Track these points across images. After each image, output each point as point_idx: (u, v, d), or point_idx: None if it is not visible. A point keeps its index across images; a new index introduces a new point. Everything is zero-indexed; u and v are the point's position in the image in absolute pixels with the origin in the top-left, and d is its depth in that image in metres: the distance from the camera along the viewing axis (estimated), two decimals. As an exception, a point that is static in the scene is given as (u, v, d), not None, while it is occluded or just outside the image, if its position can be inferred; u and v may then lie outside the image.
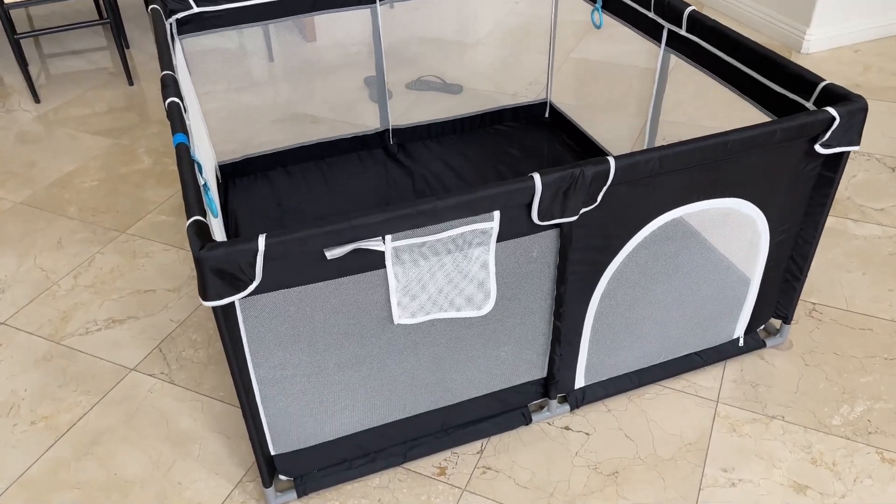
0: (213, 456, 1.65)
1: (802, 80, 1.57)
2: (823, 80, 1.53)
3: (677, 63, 3.07)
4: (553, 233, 1.40)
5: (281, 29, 3.69)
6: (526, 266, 1.43)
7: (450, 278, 1.37)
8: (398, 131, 2.61)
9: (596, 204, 1.37)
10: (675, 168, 1.39)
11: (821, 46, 3.23)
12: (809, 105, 1.56)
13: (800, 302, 1.98)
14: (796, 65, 1.59)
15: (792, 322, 1.92)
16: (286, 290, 1.27)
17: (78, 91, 3.20)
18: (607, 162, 1.32)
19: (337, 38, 3.56)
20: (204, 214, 1.24)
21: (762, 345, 1.84)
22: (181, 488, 1.59)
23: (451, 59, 3.32)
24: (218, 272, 1.16)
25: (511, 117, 2.73)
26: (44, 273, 2.18)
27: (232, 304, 1.24)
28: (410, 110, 2.90)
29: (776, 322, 1.90)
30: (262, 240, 1.16)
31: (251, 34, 3.63)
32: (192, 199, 1.26)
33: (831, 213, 2.30)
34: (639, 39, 2.08)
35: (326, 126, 2.84)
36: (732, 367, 1.81)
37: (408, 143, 2.63)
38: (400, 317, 1.38)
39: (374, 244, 1.25)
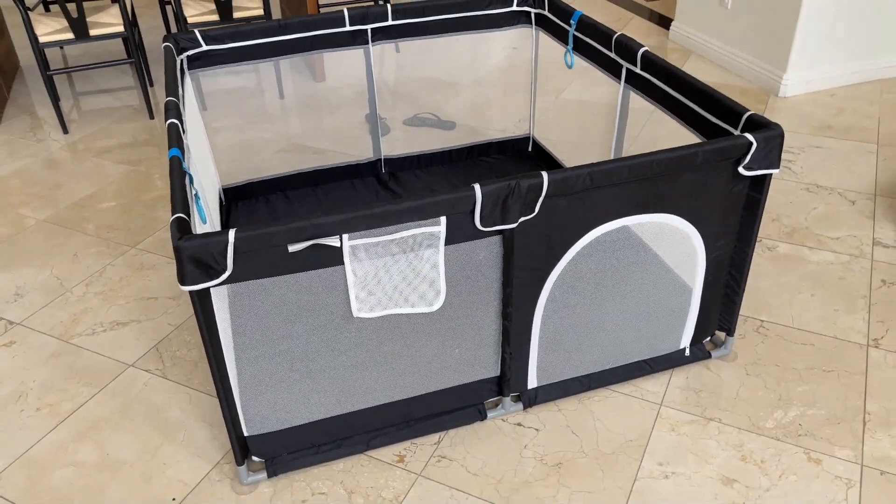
0: (196, 442, 1.82)
1: (732, 112, 1.75)
2: (748, 110, 1.71)
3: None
4: (497, 238, 1.58)
5: (293, 70, 3.96)
6: (474, 268, 1.60)
7: (404, 276, 1.55)
8: (390, 161, 2.82)
9: (535, 213, 1.55)
10: (608, 183, 1.57)
11: (797, 90, 3.41)
12: (737, 132, 1.73)
13: (749, 319, 2.12)
14: (728, 98, 1.77)
15: (738, 336, 2.06)
16: (256, 280, 1.46)
17: (103, 124, 3.48)
18: (541, 176, 1.50)
19: (344, 78, 3.82)
20: (188, 214, 1.44)
21: (708, 356, 1.98)
22: (165, 468, 1.76)
23: (447, 97, 3.56)
24: (194, 260, 1.36)
25: (497, 150, 2.94)
26: (59, 281, 2.40)
27: (207, 292, 1.43)
28: (404, 143, 3.12)
29: (722, 335, 2.04)
30: (231, 234, 1.36)
31: (264, 75, 3.91)
32: (178, 201, 1.46)
33: (789, 240, 2.45)
34: (609, 80, 2.28)
35: (325, 156, 3.06)
36: (679, 375, 1.95)
37: (399, 172, 2.84)
38: (359, 310, 1.56)
39: (331, 241, 1.43)
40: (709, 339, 2.02)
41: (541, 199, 1.53)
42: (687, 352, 1.96)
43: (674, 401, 1.87)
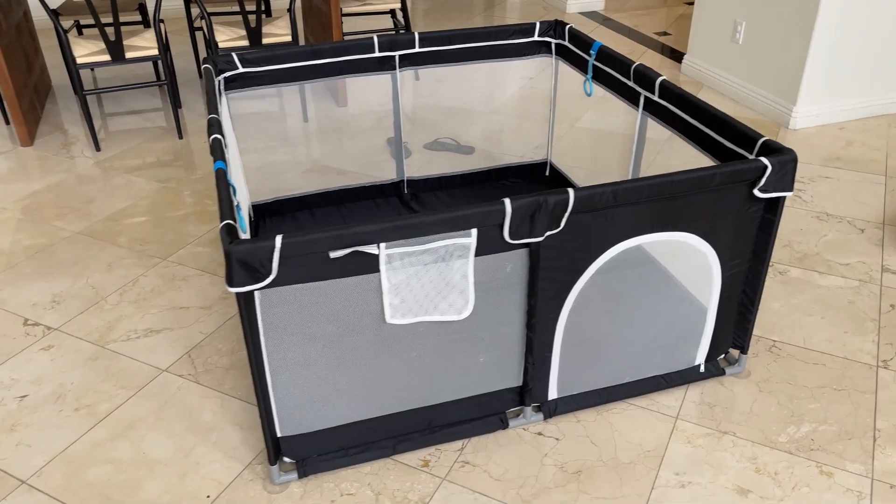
0: (228, 443, 1.90)
1: (747, 137, 1.84)
2: (762, 136, 1.80)
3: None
4: (524, 251, 1.66)
5: (316, 95, 4.09)
6: (501, 279, 1.69)
7: (434, 285, 1.63)
8: (412, 182, 2.92)
9: (560, 228, 1.64)
10: (629, 202, 1.65)
11: (807, 123, 3.51)
12: (751, 157, 1.82)
13: (761, 339, 2.19)
14: (742, 124, 1.87)
15: (751, 355, 2.12)
16: (297, 285, 1.54)
17: (133, 143, 3.60)
18: (567, 192, 1.59)
19: (366, 104, 3.95)
20: (234, 220, 1.53)
21: (722, 372, 2.05)
22: (199, 467, 1.83)
23: (467, 124, 3.67)
24: (242, 264, 1.44)
25: (515, 174, 3.03)
26: (94, 290, 2.49)
27: (252, 294, 1.52)
28: (425, 166, 3.22)
29: (735, 352, 2.11)
30: (278, 239, 1.45)
31: (289, 99, 4.04)
32: (226, 209, 1.56)
33: (800, 265, 2.52)
34: (626, 108, 2.38)
35: (349, 177, 3.17)
36: (694, 390, 2.02)
37: (420, 193, 2.93)
38: (391, 317, 1.64)
39: (370, 248, 1.52)
40: (723, 356, 2.09)
41: (566, 215, 1.62)
42: (702, 368, 2.03)
43: (689, 414, 1.94)
